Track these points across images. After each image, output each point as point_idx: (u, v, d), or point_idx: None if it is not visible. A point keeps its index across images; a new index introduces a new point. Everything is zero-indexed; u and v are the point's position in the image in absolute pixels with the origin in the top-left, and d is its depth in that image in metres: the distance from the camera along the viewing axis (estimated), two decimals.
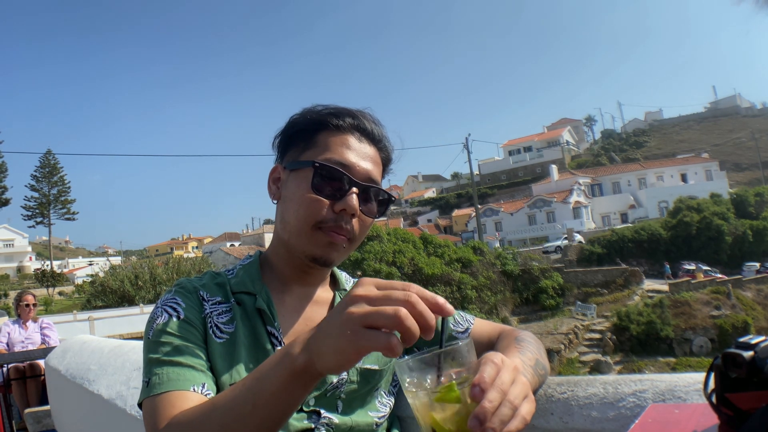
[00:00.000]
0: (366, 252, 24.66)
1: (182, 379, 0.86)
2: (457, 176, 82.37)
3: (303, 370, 0.67)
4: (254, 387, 0.71)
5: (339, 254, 1.01)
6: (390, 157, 1.10)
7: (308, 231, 0.98)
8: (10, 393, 5.11)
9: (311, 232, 0.98)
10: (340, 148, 1.00)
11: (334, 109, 1.04)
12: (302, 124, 1.04)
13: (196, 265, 33.10)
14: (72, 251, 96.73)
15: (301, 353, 0.67)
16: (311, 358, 0.66)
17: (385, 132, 1.08)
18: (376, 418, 1.02)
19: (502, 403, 0.62)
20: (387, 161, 1.09)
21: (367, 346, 0.61)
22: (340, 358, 0.63)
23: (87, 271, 55.49)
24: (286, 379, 0.68)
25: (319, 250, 0.99)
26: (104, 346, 2.53)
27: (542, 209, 50.94)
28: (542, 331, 24.46)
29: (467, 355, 0.66)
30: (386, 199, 1.05)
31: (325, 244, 0.99)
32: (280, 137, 1.08)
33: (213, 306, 0.99)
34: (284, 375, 0.68)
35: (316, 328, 0.68)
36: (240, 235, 73.92)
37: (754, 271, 32.64)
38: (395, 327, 0.60)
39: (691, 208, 38.28)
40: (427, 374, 0.65)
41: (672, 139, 78.52)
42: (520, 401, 0.65)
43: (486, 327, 1.13)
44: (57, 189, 62.67)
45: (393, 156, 1.10)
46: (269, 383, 0.70)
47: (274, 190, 1.06)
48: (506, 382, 0.65)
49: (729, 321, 25.00)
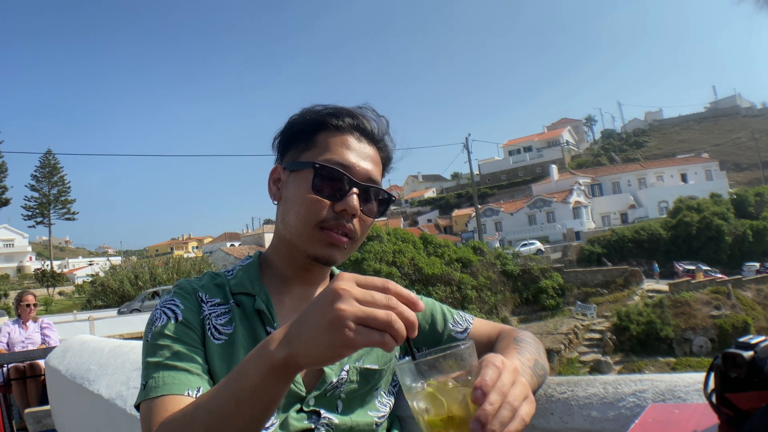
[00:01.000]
0: (366, 252, 24.67)
1: (177, 383, 0.86)
2: (457, 176, 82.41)
3: (282, 365, 0.68)
4: (234, 385, 0.71)
5: (341, 254, 1.02)
6: (390, 155, 1.10)
7: (309, 231, 0.99)
8: (10, 393, 5.11)
9: (312, 233, 0.99)
10: (339, 148, 1.00)
11: (333, 109, 1.04)
12: (301, 125, 1.04)
13: (196, 265, 33.13)
14: (72, 251, 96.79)
15: (279, 348, 0.68)
16: (292, 353, 0.67)
17: (386, 128, 1.08)
18: (376, 418, 1.02)
19: (502, 405, 0.63)
20: (387, 160, 1.09)
21: (364, 343, 0.62)
22: (330, 352, 0.64)
23: (87, 271, 55.54)
24: (265, 374, 0.69)
25: (321, 250, 1.00)
26: (104, 346, 2.54)
27: (542, 209, 50.94)
28: (542, 331, 24.46)
29: (468, 358, 0.66)
30: (386, 199, 1.05)
31: (326, 244, 0.99)
32: (280, 138, 1.08)
33: (212, 307, 0.99)
34: (263, 370, 0.69)
35: (296, 322, 0.68)
36: (240, 235, 73.98)
37: (754, 271, 32.68)
38: (386, 330, 0.63)
39: (691, 208, 38.31)
40: (428, 377, 0.65)
41: (672, 139, 78.52)
42: (519, 403, 0.66)
43: (485, 327, 1.13)
44: (57, 189, 62.72)
45: (393, 154, 1.10)
46: (248, 380, 0.70)
47: (274, 190, 1.07)
48: (507, 384, 0.66)
49: (729, 321, 25.01)
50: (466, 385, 0.64)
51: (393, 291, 0.66)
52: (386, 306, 0.64)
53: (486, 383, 0.64)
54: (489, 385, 0.64)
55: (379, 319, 0.62)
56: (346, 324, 0.62)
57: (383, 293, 0.65)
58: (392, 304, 0.64)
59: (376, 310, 0.63)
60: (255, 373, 0.69)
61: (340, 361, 0.68)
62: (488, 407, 0.62)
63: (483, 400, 0.62)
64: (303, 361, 0.67)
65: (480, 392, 0.63)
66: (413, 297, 0.67)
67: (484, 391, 0.63)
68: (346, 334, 0.62)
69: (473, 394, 0.63)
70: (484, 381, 0.64)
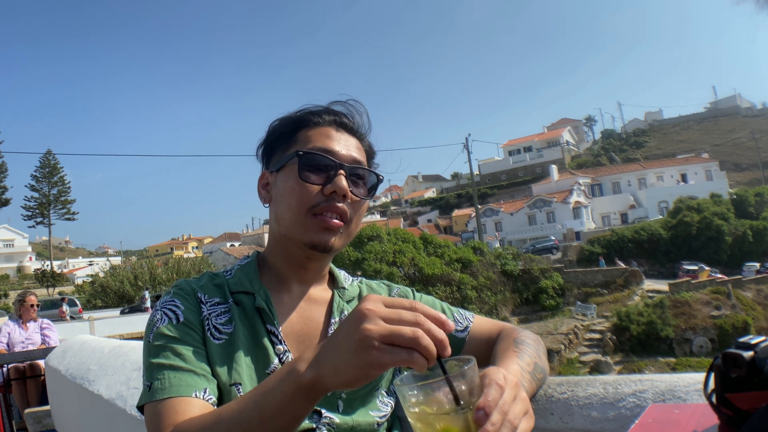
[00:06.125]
0: (366, 252, 24.67)
1: (184, 384, 0.86)
2: (457, 176, 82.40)
3: (309, 386, 0.68)
4: (259, 401, 0.72)
5: (337, 239, 1.01)
6: (373, 149, 1.11)
7: (303, 219, 0.99)
8: (10, 393, 5.10)
9: (306, 220, 0.99)
10: (321, 137, 1.02)
11: (312, 107, 1.07)
12: (282, 128, 1.06)
13: (196, 266, 33.16)
14: (72, 251, 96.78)
15: (308, 369, 0.68)
16: (320, 374, 0.67)
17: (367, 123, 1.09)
18: (377, 418, 1.02)
19: (503, 424, 0.65)
20: (370, 152, 1.11)
21: (391, 362, 0.63)
22: (358, 373, 0.65)
23: (87, 272, 55.56)
24: (292, 394, 0.69)
25: (316, 236, 0.99)
26: (104, 346, 2.53)
27: (542, 209, 50.94)
28: (542, 331, 24.45)
29: (471, 379, 0.67)
30: (375, 179, 1.06)
31: (321, 229, 0.99)
32: (263, 146, 1.10)
33: (211, 307, 0.99)
34: (290, 391, 0.69)
35: (325, 344, 0.69)
36: (240, 235, 74.00)
37: (754, 271, 32.68)
38: (414, 347, 0.62)
39: (691, 208, 38.31)
40: (430, 397, 0.65)
41: (672, 139, 78.52)
42: (519, 420, 0.67)
43: (486, 325, 1.13)
44: (57, 189, 62.70)
45: (375, 149, 1.12)
46: (274, 398, 0.71)
47: (264, 194, 1.08)
48: (508, 401, 0.67)
49: (729, 321, 25.01)
50: (469, 407, 0.65)
51: (420, 311, 0.65)
52: (414, 323, 0.64)
53: (489, 404, 0.65)
54: (492, 406, 0.65)
55: (406, 336, 0.62)
56: (372, 344, 0.62)
57: (410, 311, 0.65)
58: (419, 320, 0.64)
59: (402, 327, 0.63)
60: (281, 392, 0.70)
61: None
62: (490, 428, 0.63)
63: (485, 421, 0.63)
64: (331, 383, 0.67)
65: (483, 413, 0.64)
66: (442, 317, 0.66)
67: (486, 412, 0.64)
68: (373, 354, 0.62)
69: (476, 415, 0.64)
70: (487, 402, 0.65)
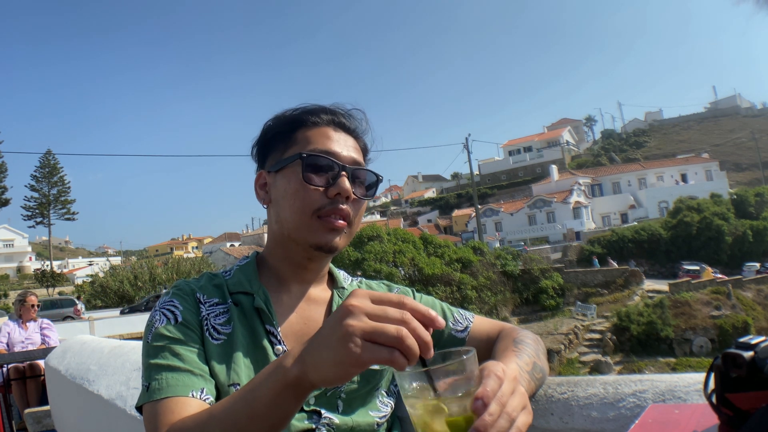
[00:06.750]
0: (366, 252, 24.66)
1: (181, 384, 0.86)
2: (457, 176, 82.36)
3: (296, 382, 0.68)
4: (249, 397, 0.72)
5: (341, 239, 1.02)
6: (368, 147, 1.12)
7: (308, 221, 0.99)
8: (10, 393, 5.09)
9: (311, 222, 0.99)
10: (321, 138, 1.03)
11: (309, 107, 1.07)
12: (278, 127, 1.06)
13: (196, 266, 33.13)
14: (72, 251, 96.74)
15: (293, 365, 0.68)
16: (305, 370, 0.67)
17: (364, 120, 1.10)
18: (377, 418, 1.02)
19: (500, 416, 0.64)
20: (366, 150, 1.11)
21: (371, 360, 0.62)
22: (338, 370, 0.64)
23: (87, 272, 55.52)
24: (279, 390, 0.69)
25: (322, 237, 1.00)
26: (104, 347, 2.53)
27: (542, 209, 50.93)
28: (542, 331, 24.44)
29: (470, 368, 0.67)
30: (375, 180, 1.07)
31: (326, 231, 1.00)
32: (258, 145, 1.10)
33: (210, 308, 0.99)
34: (277, 387, 0.69)
35: (310, 340, 0.68)
36: (240, 235, 73.99)
37: (754, 271, 32.65)
38: (396, 346, 0.61)
39: (691, 208, 38.30)
40: (429, 386, 0.65)
41: (672, 139, 78.48)
42: (517, 413, 0.67)
43: (486, 325, 1.13)
44: (57, 189, 62.65)
45: (371, 147, 1.12)
46: (262, 394, 0.71)
47: (263, 195, 1.08)
48: (506, 394, 0.67)
49: (729, 321, 25.00)
50: (468, 396, 0.65)
51: (409, 307, 0.64)
52: (399, 321, 0.62)
53: (487, 394, 0.64)
54: (490, 396, 0.64)
55: (388, 334, 0.61)
56: (353, 340, 0.61)
57: (398, 308, 0.64)
58: (406, 318, 0.63)
59: (386, 325, 0.62)
60: (269, 388, 0.70)
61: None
62: (487, 418, 0.63)
63: (483, 411, 0.63)
64: (315, 379, 0.67)
65: (481, 403, 0.64)
66: (432, 313, 0.65)
67: (485, 401, 0.64)
68: (352, 350, 0.61)
69: (474, 404, 0.64)
70: (485, 392, 0.65)
